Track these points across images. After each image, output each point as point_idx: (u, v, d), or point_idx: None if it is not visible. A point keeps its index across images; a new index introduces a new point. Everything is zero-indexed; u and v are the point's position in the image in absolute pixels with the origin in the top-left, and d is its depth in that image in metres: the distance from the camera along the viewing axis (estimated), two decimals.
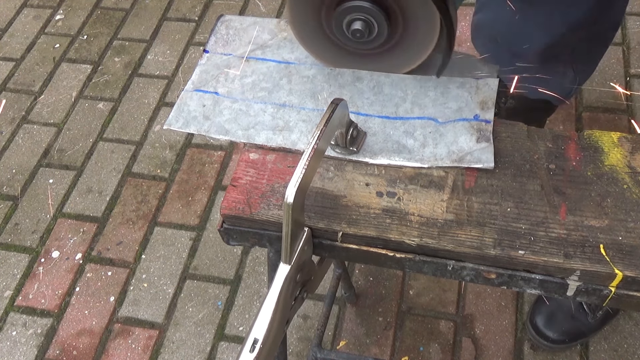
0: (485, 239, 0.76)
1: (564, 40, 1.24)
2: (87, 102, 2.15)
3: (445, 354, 1.52)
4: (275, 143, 0.88)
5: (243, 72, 0.97)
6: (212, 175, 1.91)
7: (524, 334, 1.53)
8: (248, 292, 1.67)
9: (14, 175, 1.97)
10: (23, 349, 1.61)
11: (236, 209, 0.82)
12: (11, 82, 2.23)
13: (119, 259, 1.76)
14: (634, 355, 1.48)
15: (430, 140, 0.85)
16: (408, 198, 0.81)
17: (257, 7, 2.39)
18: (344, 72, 0.95)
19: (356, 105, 0.91)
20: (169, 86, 2.16)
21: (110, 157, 1.99)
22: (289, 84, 0.94)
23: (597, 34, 1.28)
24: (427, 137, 0.86)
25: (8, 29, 2.42)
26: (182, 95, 0.95)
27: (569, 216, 0.77)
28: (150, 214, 1.83)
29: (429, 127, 0.87)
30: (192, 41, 2.30)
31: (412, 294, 1.62)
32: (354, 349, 1.55)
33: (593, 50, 1.35)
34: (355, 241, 0.80)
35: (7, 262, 1.77)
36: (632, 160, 0.82)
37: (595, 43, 1.33)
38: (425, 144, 0.85)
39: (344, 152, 0.85)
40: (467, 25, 2.21)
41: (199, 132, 0.90)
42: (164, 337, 1.61)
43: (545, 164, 0.82)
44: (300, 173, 0.69)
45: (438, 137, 0.86)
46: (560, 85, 1.36)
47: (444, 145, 0.85)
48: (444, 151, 0.84)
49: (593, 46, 1.33)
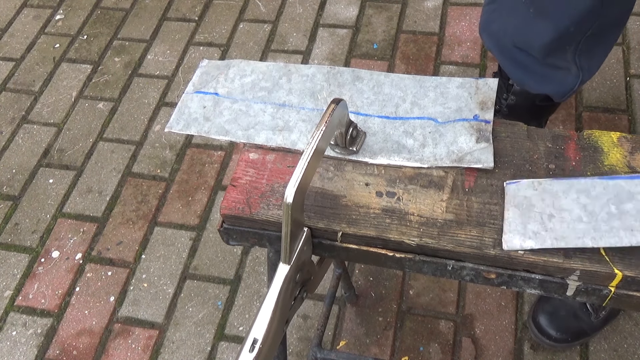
0: (485, 239, 0.76)
1: (568, 35, 1.24)
2: (87, 102, 2.15)
3: (445, 354, 1.52)
4: (275, 143, 0.88)
5: (242, 72, 0.97)
6: (212, 175, 1.91)
7: (524, 334, 1.53)
8: (248, 292, 1.67)
9: (14, 175, 1.97)
10: (23, 349, 1.61)
11: (236, 209, 0.82)
12: (11, 82, 2.23)
13: (119, 259, 1.76)
14: (634, 355, 1.48)
15: (429, 140, 0.85)
16: (408, 198, 0.81)
17: (257, 7, 2.39)
18: (344, 71, 0.95)
19: (356, 105, 0.91)
20: (169, 86, 2.16)
21: (110, 157, 1.99)
22: (288, 83, 0.94)
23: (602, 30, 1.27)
24: (426, 137, 0.86)
25: (8, 29, 2.42)
26: (183, 98, 0.95)
27: None
28: (150, 214, 1.84)
29: (428, 127, 0.87)
30: (192, 41, 2.30)
31: (412, 294, 1.62)
32: (354, 349, 1.55)
33: (597, 47, 1.35)
34: (355, 241, 0.80)
35: (7, 262, 1.77)
36: (632, 160, 0.82)
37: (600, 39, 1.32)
38: (425, 144, 0.85)
39: (344, 152, 0.85)
40: (467, 25, 2.21)
41: (200, 133, 0.90)
42: (164, 337, 1.61)
43: (545, 164, 0.82)
44: (300, 173, 0.69)
45: (438, 137, 0.86)
46: (563, 81, 1.36)
47: (443, 146, 0.85)
48: (443, 151, 0.84)
49: (598, 43, 1.32)
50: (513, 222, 0.75)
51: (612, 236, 0.71)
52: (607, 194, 0.75)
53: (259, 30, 2.31)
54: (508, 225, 0.75)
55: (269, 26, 2.32)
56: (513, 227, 0.75)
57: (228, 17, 2.37)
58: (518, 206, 0.76)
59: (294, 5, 2.38)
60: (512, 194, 0.78)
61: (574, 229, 0.73)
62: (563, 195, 0.76)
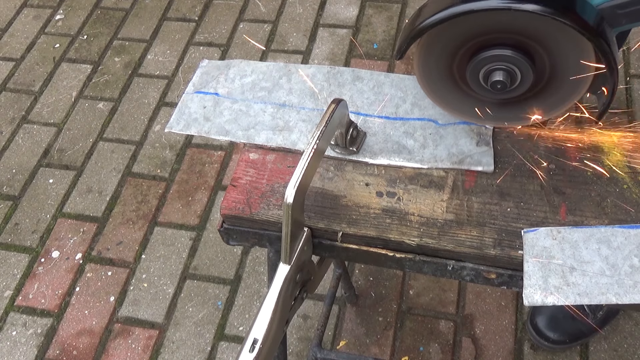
0: (485, 239, 0.76)
1: None
2: (87, 102, 2.15)
3: (445, 354, 1.52)
4: (275, 143, 0.88)
5: (243, 72, 0.97)
6: (212, 175, 1.91)
7: (524, 334, 1.53)
8: (248, 292, 1.67)
9: (14, 175, 1.97)
10: (23, 348, 1.61)
11: (236, 209, 0.82)
12: (11, 82, 2.23)
13: (119, 259, 1.76)
14: (634, 355, 1.48)
15: (430, 142, 0.85)
16: (408, 198, 0.81)
17: (257, 7, 2.39)
18: (344, 71, 0.95)
19: (356, 105, 0.91)
20: (169, 86, 2.16)
21: (110, 157, 1.99)
22: (288, 83, 0.94)
23: None
24: (427, 139, 0.86)
25: (8, 29, 2.42)
26: (183, 98, 0.95)
27: (569, 216, 0.77)
28: (150, 214, 1.83)
29: (429, 128, 0.87)
30: (192, 41, 2.30)
31: (412, 294, 1.62)
32: (354, 349, 1.55)
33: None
34: (355, 241, 0.80)
35: (7, 262, 1.77)
36: (632, 160, 0.82)
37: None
38: (425, 145, 0.85)
39: (344, 152, 0.85)
40: None
41: (200, 133, 0.90)
42: (164, 337, 1.61)
43: (545, 164, 0.82)
44: (300, 173, 0.69)
45: (438, 138, 0.86)
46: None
47: (444, 147, 0.85)
48: (444, 153, 0.84)
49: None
50: (533, 275, 0.72)
51: (636, 292, 0.69)
52: (629, 244, 0.72)
53: (259, 30, 2.31)
54: (528, 278, 0.72)
55: (269, 26, 2.32)
56: (534, 282, 0.72)
57: (228, 17, 2.37)
58: (537, 257, 0.73)
59: (294, 5, 2.38)
60: (531, 244, 0.74)
61: (597, 284, 0.70)
62: (583, 246, 0.73)
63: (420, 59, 0.77)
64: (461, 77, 0.77)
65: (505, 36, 0.70)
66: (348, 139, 0.83)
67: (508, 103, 0.79)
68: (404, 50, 0.74)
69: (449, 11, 0.67)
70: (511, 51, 0.70)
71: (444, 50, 0.74)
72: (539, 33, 0.69)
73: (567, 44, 0.69)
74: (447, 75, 0.77)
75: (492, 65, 0.72)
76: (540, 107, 0.78)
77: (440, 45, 0.74)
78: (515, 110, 0.80)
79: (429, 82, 0.80)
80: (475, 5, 0.66)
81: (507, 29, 0.69)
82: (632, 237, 0.73)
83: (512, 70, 0.72)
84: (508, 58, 0.71)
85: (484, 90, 0.75)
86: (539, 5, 0.64)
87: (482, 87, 0.75)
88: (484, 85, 0.74)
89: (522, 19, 0.68)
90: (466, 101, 0.80)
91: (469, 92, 0.79)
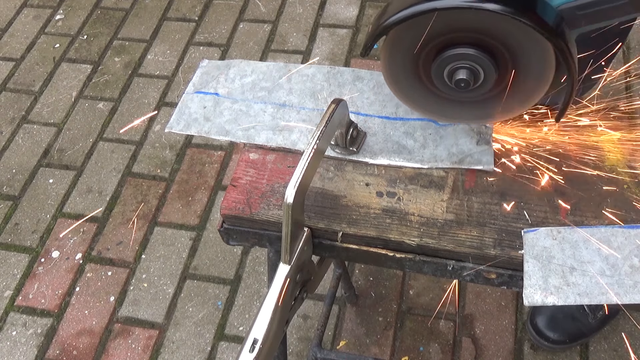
0: (485, 239, 0.76)
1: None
2: (87, 102, 2.15)
3: (445, 354, 1.52)
4: (275, 143, 0.88)
5: (243, 72, 0.97)
6: (212, 175, 1.91)
7: (524, 334, 1.53)
8: (248, 292, 1.67)
9: (14, 175, 1.97)
10: (23, 348, 1.61)
11: (236, 209, 0.82)
12: (11, 82, 2.23)
13: (119, 259, 1.76)
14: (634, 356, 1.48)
15: (430, 142, 0.85)
16: (408, 198, 0.81)
17: (257, 7, 2.39)
18: (344, 71, 0.95)
19: (356, 105, 0.91)
20: (169, 86, 2.16)
21: (110, 157, 1.99)
22: (288, 82, 0.94)
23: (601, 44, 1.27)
24: (427, 139, 0.86)
25: (8, 29, 2.42)
26: (183, 98, 0.95)
27: (569, 216, 0.77)
28: (150, 214, 1.83)
29: (429, 128, 0.87)
30: (192, 41, 2.30)
31: (412, 294, 1.62)
32: (354, 349, 1.55)
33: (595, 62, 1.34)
34: (355, 241, 0.80)
35: (7, 262, 1.77)
36: (632, 160, 0.82)
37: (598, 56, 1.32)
38: (426, 145, 0.85)
39: (344, 152, 0.85)
40: None
41: (200, 133, 0.90)
42: (164, 337, 1.61)
43: (546, 164, 0.82)
44: (300, 173, 0.69)
45: (438, 138, 0.86)
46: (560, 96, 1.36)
47: (444, 147, 0.85)
48: (444, 153, 0.84)
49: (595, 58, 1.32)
50: (533, 275, 0.72)
51: (636, 292, 0.69)
52: (629, 244, 0.72)
53: (259, 30, 2.31)
54: (528, 278, 0.72)
55: (269, 26, 2.32)
56: (534, 282, 0.72)
57: (228, 17, 2.37)
58: (537, 258, 0.73)
59: (294, 5, 2.38)
60: (531, 244, 0.74)
61: (597, 284, 0.70)
62: (583, 246, 0.73)
63: (386, 56, 0.78)
64: (427, 75, 0.78)
65: (469, 35, 0.71)
66: (348, 139, 0.83)
67: (473, 101, 0.80)
68: (369, 47, 0.75)
69: (411, 9, 0.68)
70: (475, 50, 0.72)
71: (409, 48, 0.75)
72: (501, 33, 0.70)
73: (529, 44, 0.70)
74: (413, 73, 0.79)
75: (456, 64, 0.73)
76: (503, 106, 0.79)
77: (405, 43, 0.75)
78: (480, 109, 0.81)
79: (395, 80, 0.81)
80: (438, 3, 0.67)
81: (470, 27, 0.71)
82: (632, 237, 0.73)
83: (475, 69, 0.73)
84: (471, 57, 0.72)
85: (448, 88, 0.77)
86: (500, 5, 0.65)
87: (447, 85, 0.76)
88: (448, 84, 0.76)
89: (485, 18, 0.69)
90: (432, 99, 0.81)
91: (435, 91, 0.80)
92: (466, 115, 0.82)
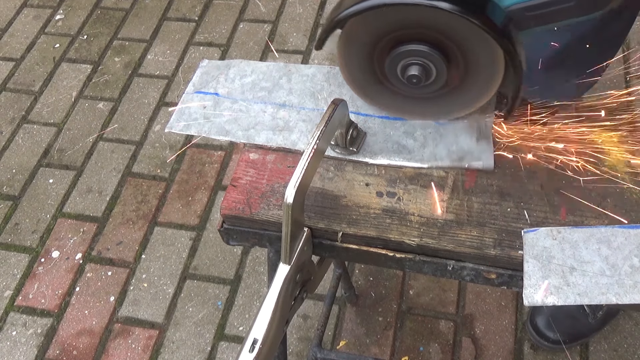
0: (485, 239, 0.76)
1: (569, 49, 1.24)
2: (87, 102, 2.15)
3: (445, 354, 1.52)
4: (275, 143, 0.88)
5: (243, 72, 0.97)
6: (212, 175, 1.91)
7: (524, 334, 1.53)
8: (248, 292, 1.67)
9: (14, 175, 1.97)
10: (23, 348, 1.61)
11: (236, 209, 0.82)
12: (11, 82, 2.23)
13: (119, 259, 1.76)
14: (634, 355, 1.48)
15: (430, 141, 0.85)
16: (408, 198, 0.81)
17: (257, 7, 2.39)
18: None
19: (356, 105, 0.91)
20: (169, 86, 2.16)
21: (110, 157, 1.99)
22: (288, 83, 0.94)
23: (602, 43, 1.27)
24: (427, 138, 0.86)
25: (8, 29, 2.42)
26: (183, 98, 0.95)
27: (569, 216, 0.77)
28: (150, 214, 1.83)
29: (428, 127, 0.87)
30: (192, 41, 2.30)
31: (412, 294, 1.62)
32: (354, 349, 1.55)
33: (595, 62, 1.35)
34: (355, 241, 0.80)
35: (7, 262, 1.77)
36: (632, 160, 0.82)
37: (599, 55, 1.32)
38: (425, 144, 0.85)
39: (344, 152, 0.85)
40: None
41: (200, 133, 0.90)
42: (164, 337, 1.61)
43: (545, 164, 0.82)
44: (300, 173, 0.69)
45: (438, 137, 0.86)
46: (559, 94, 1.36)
47: (443, 146, 0.85)
48: (443, 151, 0.84)
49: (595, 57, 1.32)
50: (533, 275, 0.72)
51: (636, 292, 0.69)
52: (629, 244, 0.72)
53: (259, 30, 2.31)
54: (528, 278, 0.72)
55: (269, 26, 2.32)
56: (534, 282, 0.72)
57: (228, 17, 2.37)
58: (537, 258, 0.73)
59: (294, 5, 2.38)
60: (531, 244, 0.74)
61: (597, 284, 0.70)
62: (583, 246, 0.73)
63: (341, 50, 0.79)
64: (381, 70, 0.79)
65: (421, 32, 0.72)
66: (348, 139, 0.83)
67: (427, 98, 0.81)
68: (323, 39, 0.76)
69: (362, 4, 0.69)
70: (427, 47, 0.73)
71: (364, 42, 0.76)
72: (451, 31, 0.71)
73: (479, 44, 0.71)
74: (368, 68, 0.80)
75: (409, 60, 0.74)
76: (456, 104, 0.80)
77: (360, 38, 0.76)
78: (433, 106, 0.82)
79: (351, 74, 0.82)
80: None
81: (422, 24, 0.72)
82: (632, 237, 0.73)
83: (427, 65, 0.74)
84: (423, 53, 0.73)
85: (402, 84, 0.78)
86: (449, 4, 0.66)
87: (400, 81, 0.77)
88: (401, 79, 0.77)
89: (435, 16, 0.70)
90: (387, 94, 0.82)
91: (389, 86, 0.81)
92: (420, 112, 0.84)
